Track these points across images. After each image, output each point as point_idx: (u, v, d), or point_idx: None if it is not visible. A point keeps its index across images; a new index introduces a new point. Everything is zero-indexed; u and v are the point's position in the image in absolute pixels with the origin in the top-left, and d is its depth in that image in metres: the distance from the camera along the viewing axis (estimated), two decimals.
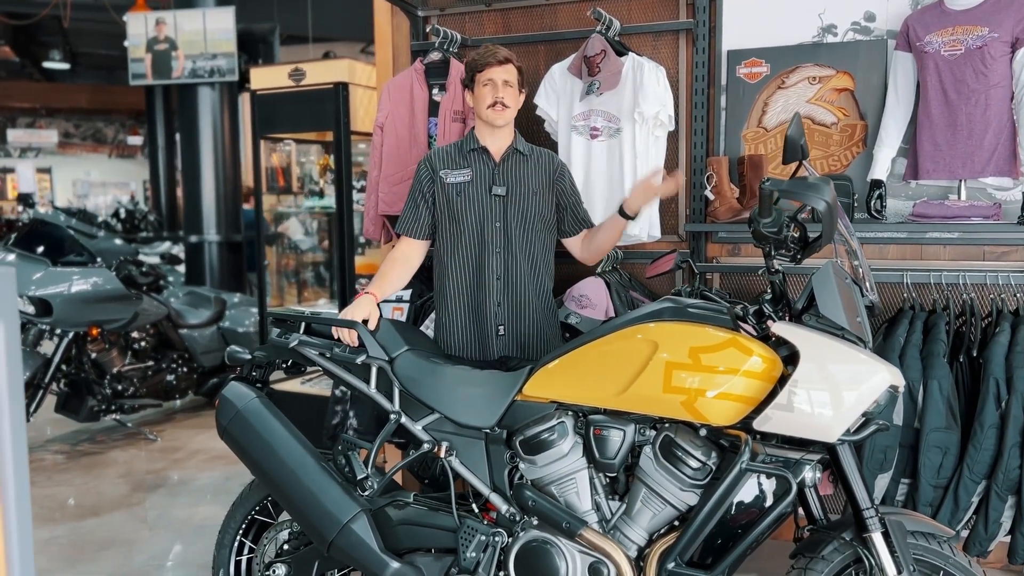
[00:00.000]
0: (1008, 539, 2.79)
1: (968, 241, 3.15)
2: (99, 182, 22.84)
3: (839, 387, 1.97)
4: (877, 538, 2.01)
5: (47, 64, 15.96)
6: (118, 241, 5.93)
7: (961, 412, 2.79)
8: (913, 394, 2.79)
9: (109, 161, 23.44)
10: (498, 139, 2.76)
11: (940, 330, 2.86)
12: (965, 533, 2.85)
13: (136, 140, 22.21)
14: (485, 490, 2.35)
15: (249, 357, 2.66)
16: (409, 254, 2.80)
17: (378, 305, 2.62)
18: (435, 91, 3.50)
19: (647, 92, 3.19)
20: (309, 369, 3.72)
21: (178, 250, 9.55)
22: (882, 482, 2.82)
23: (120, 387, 5.28)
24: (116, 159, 23.54)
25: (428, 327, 3.26)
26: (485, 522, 2.34)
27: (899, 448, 2.81)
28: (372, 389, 2.47)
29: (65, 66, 16.01)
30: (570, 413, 2.29)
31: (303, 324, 2.64)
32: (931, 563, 2.03)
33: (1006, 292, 3.01)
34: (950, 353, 2.83)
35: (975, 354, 2.82)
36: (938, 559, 2.03)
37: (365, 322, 2.55)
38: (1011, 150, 2.93)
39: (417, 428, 2.42)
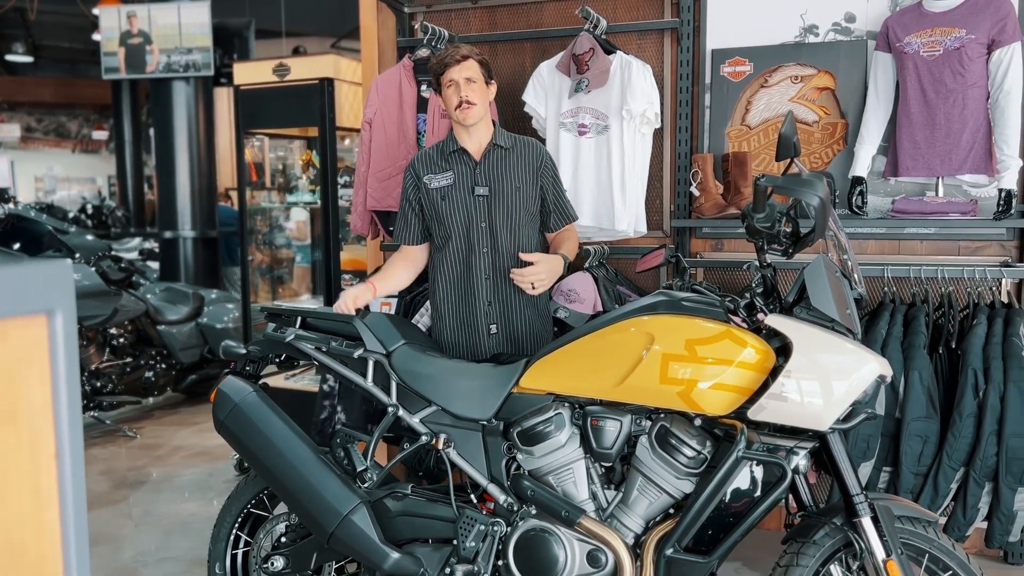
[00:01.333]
0: (985, 524, 2.89)
1: (944, 236, 3.25)
2: (63, 177, 22.44)
3: (831, 377, 2.04)
4: (867, 523, 2.08)
5: (9, 57, 15.65)
6: (90, 237, 5.86)
7: (940, 402, 2.88)
8: (895, 385, 2.88)
9: (72, 156, 23.03)
10: (476, 137, 2.77)
11: (920, 322, 2.95)
12: (943, 519, 2.94)
13: (101, 135, 21.83)
14: (483, 481, 2.39)
15: (244, 351, 2.67)
16: (412, 255, 2.87)
17: (367, 308, 2.67)
18: (424, 87, 3.52)
19: (635, 90, 3.25)
20: (299, 364, 3.73)
21: (148, 246, 9.44)
22: (865, 470, 2.91)
23: (98, 384, 5.23)
24: (80, 154, 23.13)
25: (418, 322, 3.29)
26: (483, 512, 2.38)
27: (881, 437, 2.90)
28: (369, 382, 2.50)
29: (28, 59, 15.72)
30: (567, 404, 2.33)
31: (299, 318, 2.66)
32: (917, 546, 2.11)
33: (982, 286, 3.10)
34: (929, 345, 2.92)
35: (953, 346, 2.91)
36: (923, 542, 2.11)
37: (361, 311, 2.58)
38: (987, 148, 3.03)
39: (415, 421, 2.45)
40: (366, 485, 2.41)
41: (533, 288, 2.64)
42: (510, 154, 2.79)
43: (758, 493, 2.15)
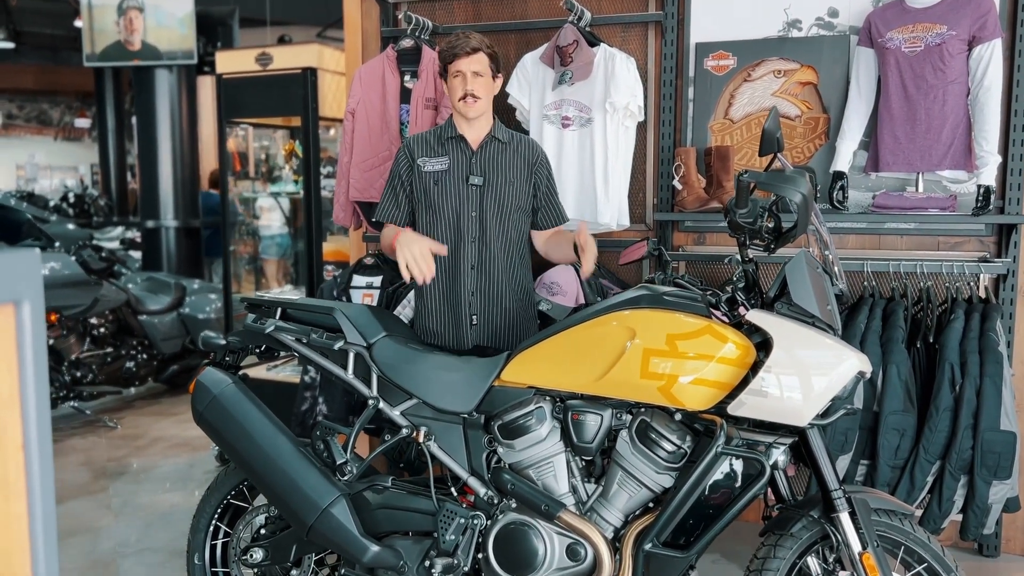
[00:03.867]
0: (960, 517, 2.92)
1: (924, 231, 3.27)
2: (44, 165, 22.20)
3: (810, 373, 2.05)
4: (844, 517, 2.09)
5: None
6: (71, 226, 5.81)
7: (918, 396, 2.91)
8: (872, 379, 2.90)
9: (55, 144, 22.78)
10: (476, 127, 2.76)
11: (898, 317, 2.97)
12: (919, 512, 2.97)
13: (83, 122, 21.61)
14: (463, 474, 2.38)
15: (223, 342, 2.65)
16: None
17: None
18: (407, 78, 3.51)
19: (619, 82, 3.24)
20: (280, 355, 3.71)
21: (130, 235, 9.36)
22: (842, 463, 2.93)
23: (78, 374, 5.19)
24: (62, 142, 22.89)
25: (400, 313, 3.28)
26: (463, 505, 2.38)
27: (859, 430, 2.92)
28: (349, 375, 2.48)
29: (9, 45, 15.52)
30: (548, 398, 2.33)
31: (279, 309, 2.64)
32: (893, 539, 2.13)
33: (960, 281, 3.13)
34: (907, 339, 2.95)
35: (931, 340, 2.94)
36: (899, 535, 2.13)
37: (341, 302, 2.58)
38: (966, 144, 3.05)
39: (395, 413, 2.44)
40: (346, 478, 2.40)
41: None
42: (507, 148, 2.78)
43: (738, 486, 2.16)
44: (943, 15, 3.00)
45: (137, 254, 8.06)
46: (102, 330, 5.43)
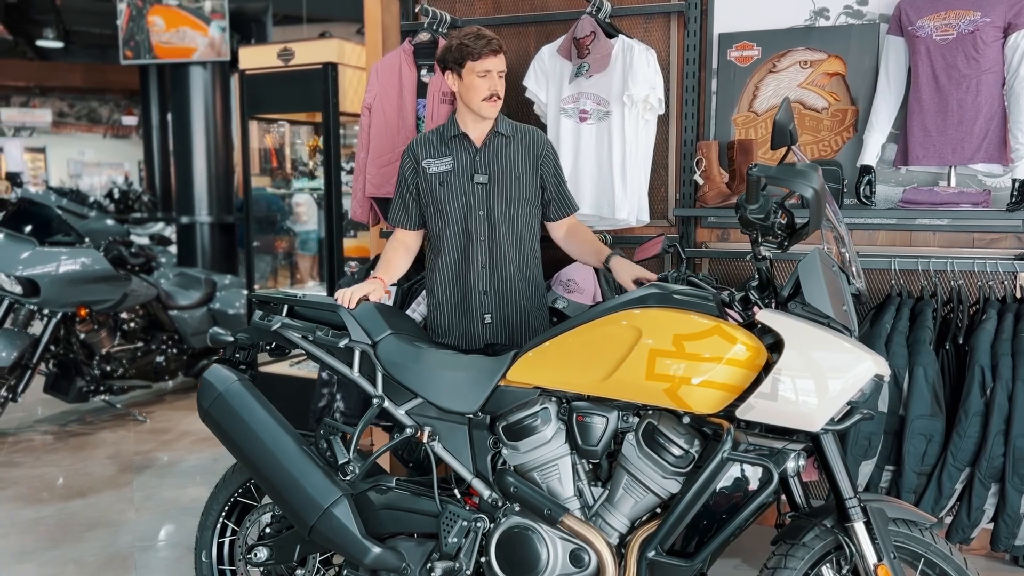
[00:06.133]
0: (991, 526, 2.79)
1: (957, 228, 3.13)
2: (93, 162, 22.71)
3: (823, 376, 1.96)
4: (859, 527, 2.00)
5: (40, 42, 15.81)
6: (109, 222, 5.89)
7: (946, 399, 2.79)
8: (898, 381, 2.79)
9: (103, 141, 23.30)
10: (480, 124, 2.71)
11: (927, 317, 2.85)
12: (948, 520, 2.85)
13: (131, 120, 22.06)
14: (468, 475, 2.34)
15: (232, 339, 2.65)
16: (407, 241, 2.83)
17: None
18: (424, 72, 3.47)
19: (637, 75, 3.16)
20: (295, 351, 3.71)
21: (170, 231, 9.49)
22: (866, 469, 2.82)
23: (109, 368, 5.26)
24: (110, 139, 23.40)
25: (414, 311, 3.25)
26: (467, 507, 2.33)
27: (883, 435, 2.81)
28: (355, 373, 2.46)
29: (59, 44, 15.87)
30: (553, 399, 2.28)
31: (285, 306, 2.63)
32: (912, 550, 2.03)
33: (994, 279, 2.99)
34: (936, 340, 2.83)
35: (961, 341, 2.82)
36: (919, 546, 2.03)
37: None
38: (1001, 136, 2.91)
39: (400, 412, 2.40)
40: (348, 478, 2.37)
41: None
42: (511, 142, 2.73)
43: (750, 492, 2.08)
44: (976, 1, 2.87)
45: (173, 249, 8.16)
46: (133, 325, 5.50)
